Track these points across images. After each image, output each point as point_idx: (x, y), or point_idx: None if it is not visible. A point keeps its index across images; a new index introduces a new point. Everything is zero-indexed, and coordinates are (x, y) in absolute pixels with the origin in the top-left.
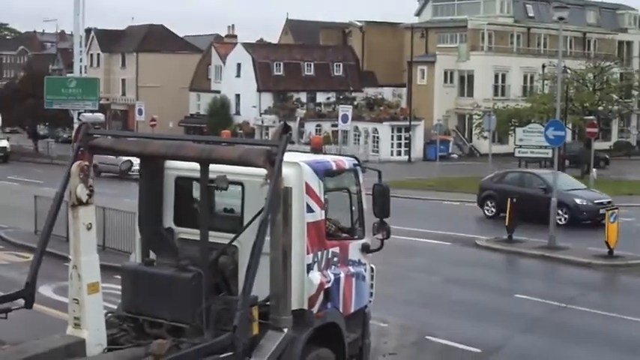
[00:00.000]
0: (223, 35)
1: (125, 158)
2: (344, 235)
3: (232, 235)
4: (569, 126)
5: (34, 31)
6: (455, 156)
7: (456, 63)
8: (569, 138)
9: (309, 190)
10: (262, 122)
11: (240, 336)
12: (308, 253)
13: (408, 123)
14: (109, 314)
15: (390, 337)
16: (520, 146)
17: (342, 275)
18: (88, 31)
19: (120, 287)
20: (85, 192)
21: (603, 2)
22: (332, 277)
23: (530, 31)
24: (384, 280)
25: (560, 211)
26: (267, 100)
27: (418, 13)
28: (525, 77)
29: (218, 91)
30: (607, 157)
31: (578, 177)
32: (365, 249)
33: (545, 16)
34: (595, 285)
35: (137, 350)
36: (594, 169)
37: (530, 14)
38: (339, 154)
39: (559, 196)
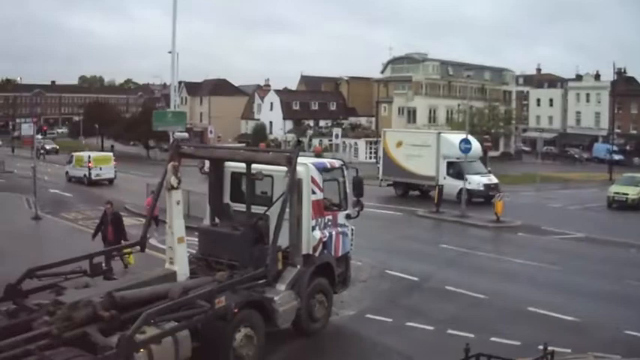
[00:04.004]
0: (262, 85)
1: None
2: (335, 208)
3: (266, 208)
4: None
5: (147, 83)
6: None
7: (405, 102)
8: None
9: (313, 180)
10: (285, 139)
11: (271, 269)
12: (312, 219)
13: (375, 139)
14: (191, 256)
15: (363, 271)
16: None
17: (334, 233)
18: (179, 82)
19: (197, 239)
20: (175, 181)
21: (494, 66)
22: (327, 234)
23: (450, 83)
24: (360, 236)
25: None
26: (289, 125)
27: (382, 71)
28: (447, 111)
29: (258, 119)
30: None
31: None
32: (348, 217)
33: (459, 74)
34: (488, 239)
35: (208, 278)
36: (489, 168)
37: (451, 73)
38: (333, 158)
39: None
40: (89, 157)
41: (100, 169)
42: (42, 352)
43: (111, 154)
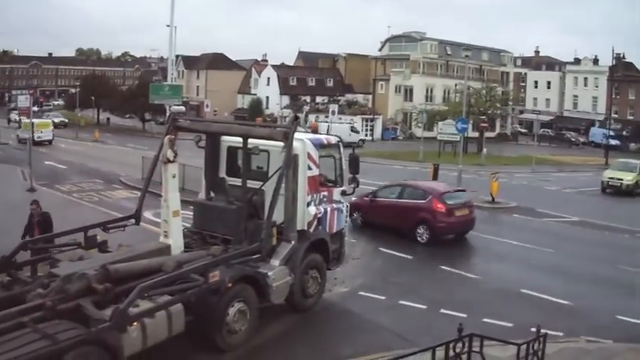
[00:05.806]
0: (260, 60)
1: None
2: (330, 184)
3: (261, 183)
4: (471, 122)
5: (145, 56)
6: (400, 138)
7: (402, 81)
8: (470, 129)
9: (309, 156)
10: (282, 114)
11: (265, 245)
12: (308, 195)
13: (372, 116)
14: (185, 229)
15: (358, 247)
16: (441, 133)
17: (329, 209)
18: (177, 56)
19: (192, 213)
20: (171, 154)
21: (492, 47)
22: (322, 210)
23: (448, 62)
24: None
25: None
26: (285, 100)
27: (380, 49)
28: (444, 91)
29: (255, 94)
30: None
31: (475, 153)
32: (343, 193)
33: (457, 54)
34: (483, 219)
35: (202, 252)
36: (485, 149)
37: (449, 52)
38: (329, 134)
39: None
40: (33, 123)
41: (41, 132)
42: (35, 325)
43: (50, 120)
